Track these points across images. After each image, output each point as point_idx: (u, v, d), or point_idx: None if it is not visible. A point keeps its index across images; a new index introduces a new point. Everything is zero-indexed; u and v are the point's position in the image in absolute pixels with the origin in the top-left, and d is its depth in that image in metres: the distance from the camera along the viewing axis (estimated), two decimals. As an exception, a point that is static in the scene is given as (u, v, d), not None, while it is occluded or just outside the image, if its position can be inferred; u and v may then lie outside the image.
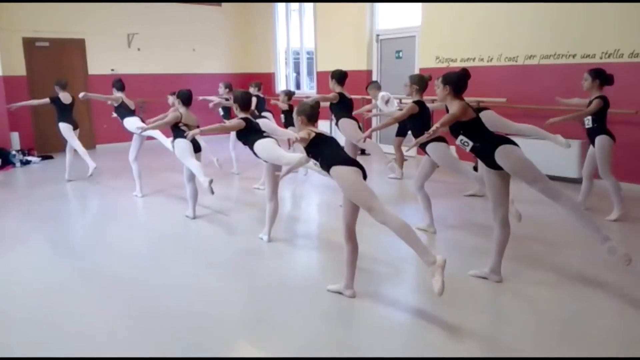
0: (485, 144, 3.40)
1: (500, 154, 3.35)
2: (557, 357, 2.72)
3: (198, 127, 5.33)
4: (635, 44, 5.93)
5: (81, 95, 6.44)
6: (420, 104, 4.53)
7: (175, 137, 5.28)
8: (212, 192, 4.81)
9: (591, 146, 5.04)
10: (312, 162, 3.48)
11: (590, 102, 4.87)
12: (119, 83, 6.58)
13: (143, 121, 6.25)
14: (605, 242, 3.35)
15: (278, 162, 4.42)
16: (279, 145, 4.47)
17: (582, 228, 3.47)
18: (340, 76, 5.62)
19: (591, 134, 4.92)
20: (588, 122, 4.88)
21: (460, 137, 3.46)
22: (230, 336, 3.05)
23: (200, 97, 7.76)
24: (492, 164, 3.42)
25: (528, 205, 5.44)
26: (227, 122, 4.53)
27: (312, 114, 3.44)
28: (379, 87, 6.38)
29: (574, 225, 4.87)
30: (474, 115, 3.41)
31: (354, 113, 5.78)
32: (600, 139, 4.85)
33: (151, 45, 10.68)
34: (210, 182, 4.76)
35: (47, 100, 7.00)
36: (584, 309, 3.26)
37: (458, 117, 3.35)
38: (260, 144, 4.43)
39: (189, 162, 5.09)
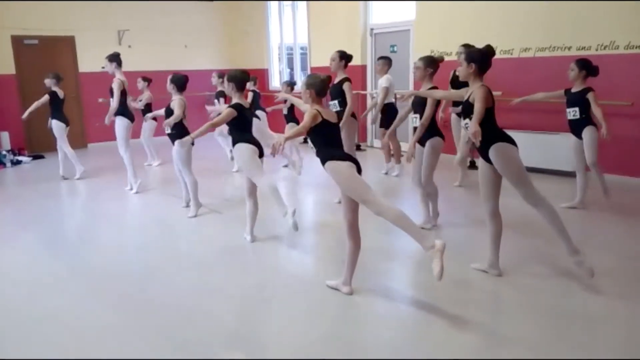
0: (486, 136, 3.33)
1: (495, 151, 3.30)
2: None
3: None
4: (631, 36, 5.90)
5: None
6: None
7: (179, 135, 5.00)
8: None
9: (575, 139, 4.98)
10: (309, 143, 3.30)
11: (570, 92, 4.86)
12: (119, 57, 6.21)
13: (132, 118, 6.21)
14: (575, 255, 3.37)
15: (248, 176, 4.31)
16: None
17: (556, 235, 3.42)
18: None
19: (578, 125, 4.87)
20: (575, 113, 4.83)
21: (469, 120, 3.33)
22: (223, 334, 3.00)
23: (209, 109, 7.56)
24: (487, 157, 3.37)
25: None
26: (216, 117, 4.33)
27: (322, 88, 3.24)
28: (390, 64, 6.61)
29: (569, 220, 4.90)
30: (491, 104, 3.32)
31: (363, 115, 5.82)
32: (591, 130, 4.82)
33: (142, 42, 10.55)
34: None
35: (47, 97, 6.80)
36: (583, 301, 3.22)
37: (486, 106, 3.22)
38: (241, 148, 4.27)
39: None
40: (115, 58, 6.17)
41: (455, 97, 3.78)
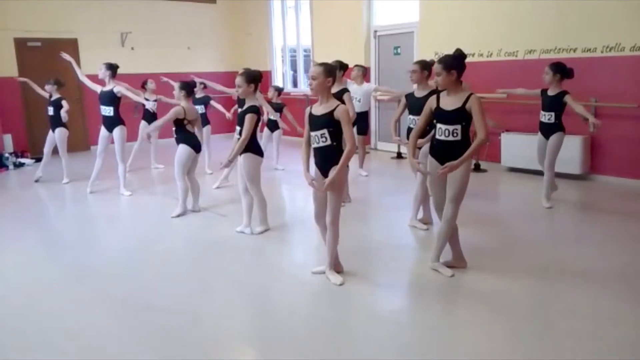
0: (462, 146, 3.36)
1: (466, 165, 3.35)
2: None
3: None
4: (637, 37, 5.85)
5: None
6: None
7: (180, 139, 5.07)
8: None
9: (542, 138, 5.15)
10: (319, 134, 3.29)
11: (546, 95, 5.01)
12: (116, 70, 6.15)
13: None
14: (435, 261, 3.61)
15: (250, 183, 4.44)
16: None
17: (436, 241, 3.64)
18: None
19: (550, 129, 5.03)
20: (550, 117, 5.00)
21: (458, 126, 3.35)
22: (223, 335, 2.98)
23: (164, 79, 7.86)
24: (446, 162, 3.40)
25: (518, 200, 5.37)
26: (247, 127, 4.23)
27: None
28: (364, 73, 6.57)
29: (573, 222, 4.88)
30: None
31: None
32: (560, 135, 5.01)
33: (145, 44, 10.55)
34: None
35: (65, 103, 6.81)
36: (589, 302, 3.17)
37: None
38: (252, 158, 4.36)
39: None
40: (113, 69, 6.11)
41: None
